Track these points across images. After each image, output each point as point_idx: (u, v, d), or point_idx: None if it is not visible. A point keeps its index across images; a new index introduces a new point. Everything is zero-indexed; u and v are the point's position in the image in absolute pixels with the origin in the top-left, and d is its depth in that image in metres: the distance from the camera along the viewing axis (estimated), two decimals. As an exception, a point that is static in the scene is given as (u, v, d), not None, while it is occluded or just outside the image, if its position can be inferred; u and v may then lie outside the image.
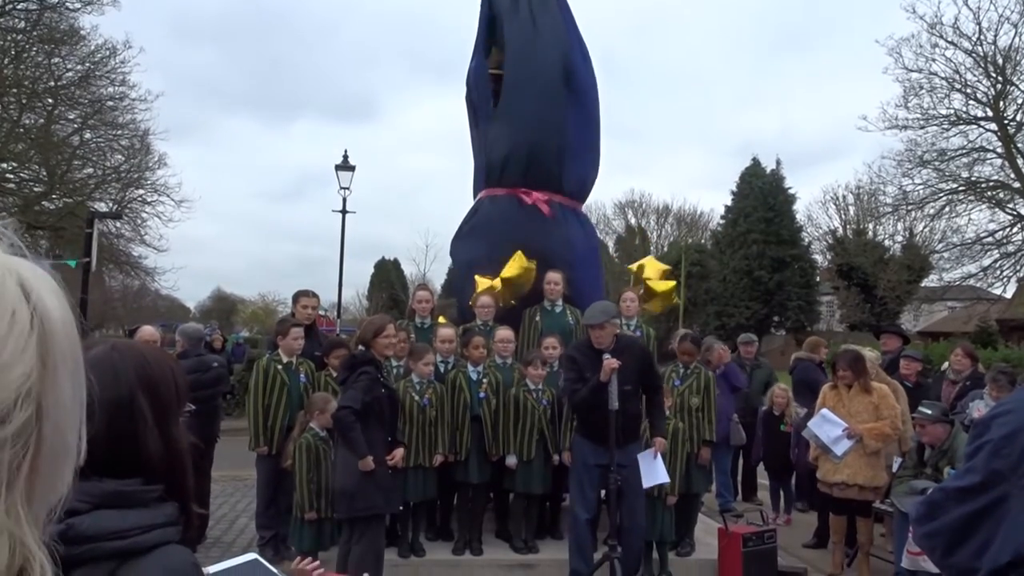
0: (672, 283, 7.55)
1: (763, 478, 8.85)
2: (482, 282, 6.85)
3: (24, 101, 20.07)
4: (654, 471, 5.72)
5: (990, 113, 23.17)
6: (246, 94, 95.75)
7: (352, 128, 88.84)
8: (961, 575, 1.85)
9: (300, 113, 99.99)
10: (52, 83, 20.50)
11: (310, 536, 5.56)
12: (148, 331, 6.64)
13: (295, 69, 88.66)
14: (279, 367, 6.10)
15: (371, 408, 4.91)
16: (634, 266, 7.79)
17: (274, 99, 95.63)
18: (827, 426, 6.34)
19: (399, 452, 5.13)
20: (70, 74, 20.73)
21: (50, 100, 20.68)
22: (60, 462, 0.73)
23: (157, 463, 1.23)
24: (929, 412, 5.93)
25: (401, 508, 5.59)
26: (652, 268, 7.53)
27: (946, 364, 8.23)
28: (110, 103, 21.42)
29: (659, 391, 5.77)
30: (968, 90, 23.19)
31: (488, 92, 7.44)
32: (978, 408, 6.36)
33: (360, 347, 5.21)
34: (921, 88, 23.42)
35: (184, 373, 1.36)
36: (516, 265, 6.76)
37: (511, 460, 6.04)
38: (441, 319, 7.59)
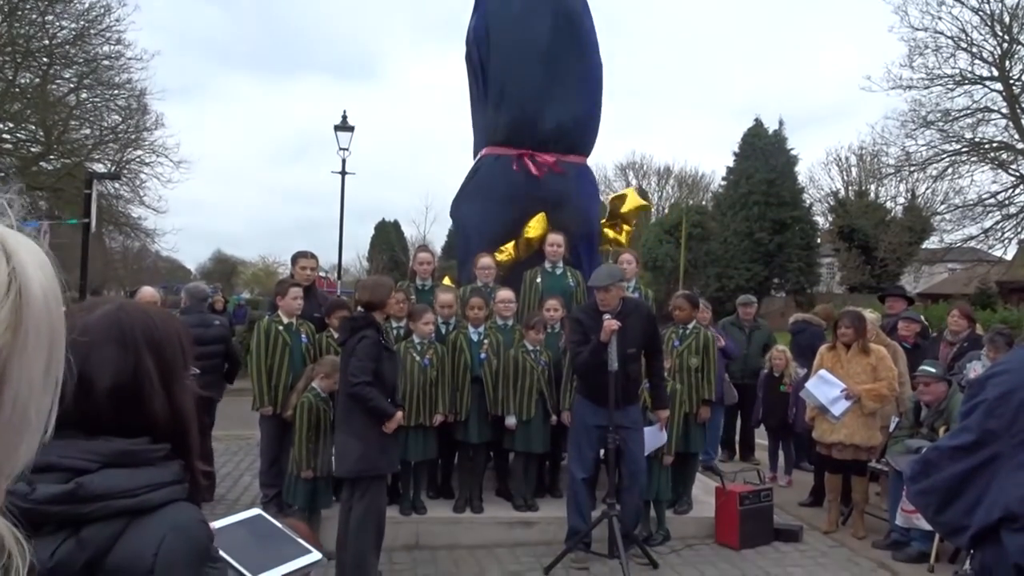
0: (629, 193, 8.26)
1: (761, 438, 8.94)
2: (501, 253, 6.88)
3: (19, 60, 19.84)
4: (656, 439, 5.82)
5: (995, 72, 22.93)
6: (247, 54, 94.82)
7: (354, 87, 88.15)
8: (952, 532, 1.89)
9: (302, 72, 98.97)
10: (47, 41, 20.25)
11: (304, 494, 5.63)
12: (148, 292, 6.66)
13: (297, 27, 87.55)
14: (280, 328, 6.13)
15: (375, 373, 4.93)
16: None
17: (275, 58, 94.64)
18: (825, 387, 6.38)
19: (397, 415, 5.11)
20: (64, 32, 20.48)
21: (45, 59, 20.46)
22: (17, 433, 0.71)
23: (162, 424, 1.24)
24: (933, 371, 5.98)
25: (400, 468, 5.65)
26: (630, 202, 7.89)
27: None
28: (106, 62, 21.20)
29: (660, 355, 5.81)
30: (974, 49, 22.94)
31: (485, 52, 7.34)
32: (975, 369, 6.40)
33: (359, 308, 5.21)
34: (926, 47, 23.19)
35: (190, 335, 1.37)
36: (539, 226, 6.79)
37: (511, 421, 6.10)
38: (447, 280, 7.59)
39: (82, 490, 1.10)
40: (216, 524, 1.37)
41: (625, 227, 7.67)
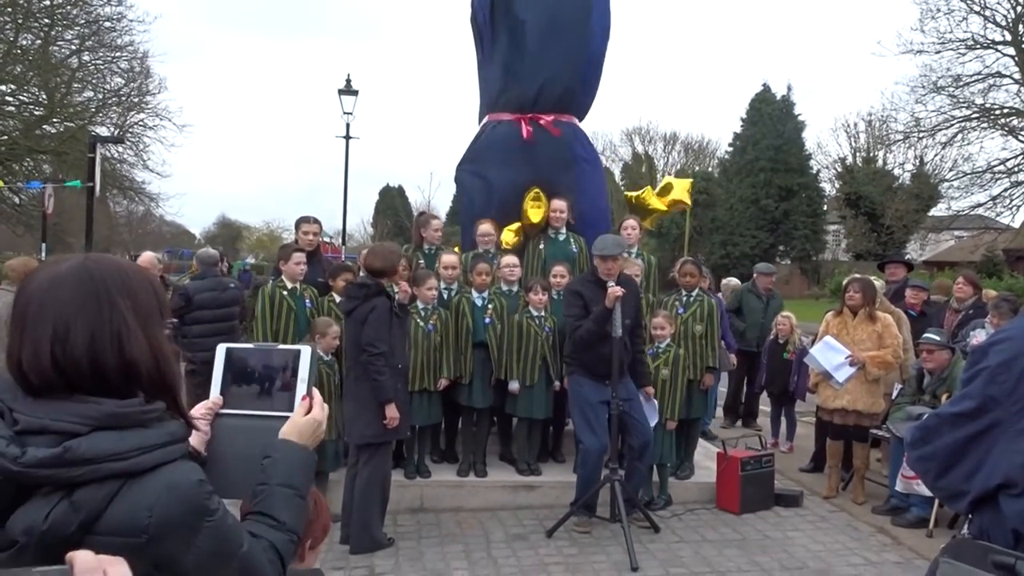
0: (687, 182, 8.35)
1: (764, 404, 8.98)
2: (506, 233, 6.83)
3: (20, 21, 19.65)
4: (653, 413, 5.85)
5: (1008, 37, 22.58)
6: (250, 14, 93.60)
7: (359, 48, 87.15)
8: (951, 497, 1.90)
9: (307, 34, 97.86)
10: (47, 2, 20.05)
11: None
12: (147, 257, 6.68)
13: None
14: (284, 293, 6.13)
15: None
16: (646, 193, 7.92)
17: (280, 19, 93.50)
18: (830, 353, 6.39)
19: (391, 411, 5.03)
20: (65, -7, 20.28)
21: (46, 20, 20.27)
22: None
23: (145, 371, 1.23)
24: (937, 339, 5.98)
25: (409, 434, 5.69)
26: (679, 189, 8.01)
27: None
28: (107, 23, 21.02)
29: (642, 330, 5.88)
30: (987, 12, 22.56)
31: (489, 16, 7.24)
32: (978, 336, 6.39)
33: (363, 273, 5.20)
34: (938, 10, 22.81)
35: (162, 287, 1.36)
36: (540, 210, 6.76)
37: (514, 386, 6.13)
38: (456, 249, 7.56)
39: (70, 453, 1.10)
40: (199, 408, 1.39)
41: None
